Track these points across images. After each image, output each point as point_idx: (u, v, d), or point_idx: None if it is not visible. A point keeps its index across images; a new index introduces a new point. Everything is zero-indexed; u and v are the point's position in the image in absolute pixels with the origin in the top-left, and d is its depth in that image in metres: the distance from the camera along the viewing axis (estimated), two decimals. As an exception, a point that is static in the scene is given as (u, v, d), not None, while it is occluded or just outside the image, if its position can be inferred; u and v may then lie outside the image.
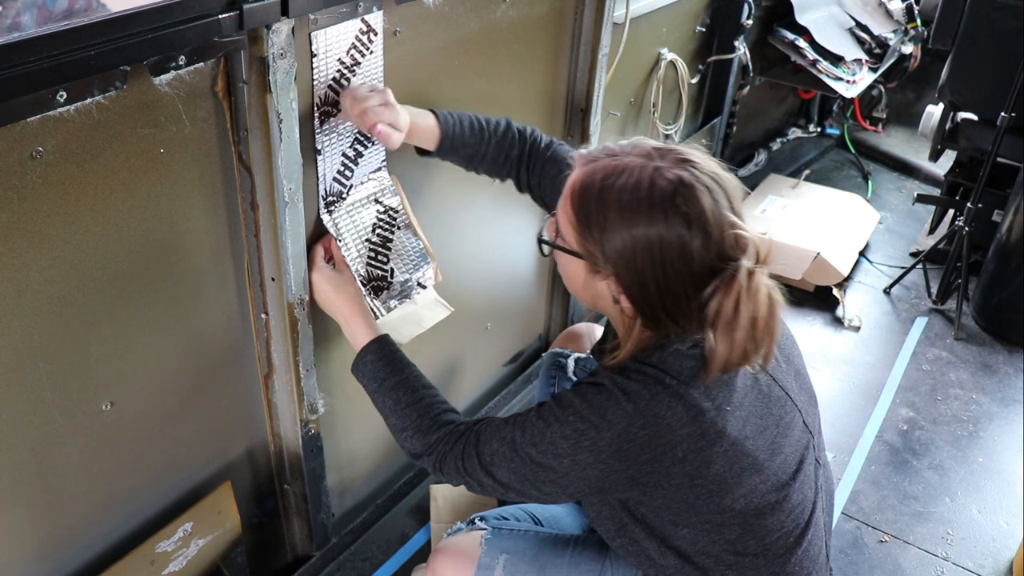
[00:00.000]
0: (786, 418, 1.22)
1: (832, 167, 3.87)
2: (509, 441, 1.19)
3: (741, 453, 1.15)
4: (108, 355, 1.23)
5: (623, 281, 1.15)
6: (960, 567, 2.01)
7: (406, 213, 1.59)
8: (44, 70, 0.95)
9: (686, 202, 1.09)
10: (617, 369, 1.17)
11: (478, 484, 1.23)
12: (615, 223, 1.12)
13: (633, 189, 1.11)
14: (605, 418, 1.12)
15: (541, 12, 1.82)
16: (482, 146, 1.52)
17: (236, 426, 1.53)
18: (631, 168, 1.13)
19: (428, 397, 1.32)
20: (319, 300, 1.46)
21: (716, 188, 1.12)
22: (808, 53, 3.01)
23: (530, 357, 2.41)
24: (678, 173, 1.11)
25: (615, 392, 1.13)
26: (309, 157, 1.39)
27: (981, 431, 2.42)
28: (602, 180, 1.13)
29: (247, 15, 1.14)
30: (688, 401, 1.12)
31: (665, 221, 1.09)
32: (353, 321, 1.41)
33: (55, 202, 1.07)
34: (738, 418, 1.15)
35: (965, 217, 2.79)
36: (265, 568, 1.75)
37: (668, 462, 1.13)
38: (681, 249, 1.09)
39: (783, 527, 1.22)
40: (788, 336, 1.32)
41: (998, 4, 2.72)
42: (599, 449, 1.13)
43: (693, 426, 1.12)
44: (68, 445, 1.22)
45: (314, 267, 1.45)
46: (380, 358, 1.36)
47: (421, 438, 1.28)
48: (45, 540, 1.26)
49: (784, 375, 1.25)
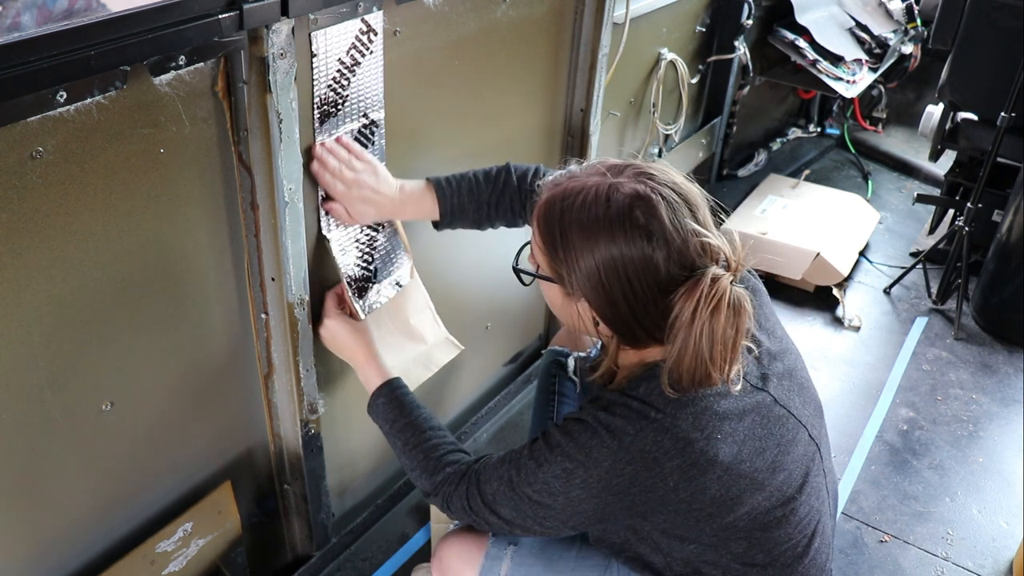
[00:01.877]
0: (788, 436, 1.21)
1: (832, 167, 3.87)
2: (507, 480, 1.20)
3: (737, 476, 1.14)
4: (108, 355, 1.23)
5: (593, 301, 1.16)
6: (960, 567, 2.01)
7: None
8: (44, 70, 0.95)
9: (644, 215, 1.10)
10: (602, 404, 1.17)
11: (485, 523, 1.26)
12: (578, 243, 1.13)
13: (591, 207, 1.12)
14: (591, 456, 1.13)
15: (541, 12, 1.82)
16: (483, 207, 1.53)
17: (236, 426, 1.53)
18: (588, 187, 1.14)
19: (435, 438, 1.35)
20: (335, 346, 1.51)
21: (675, 199, 1.12)
22: (808, 53, 3.02)
23: (530, 357, 2.41)
24: (634, 187, 1.12)
25: (599, 430, 1.14)
26: (309, 157, 1.39)
27: (981, 431, 2.42)
28: (561, 202, 1.15)
29: (247, 15, 1.14)
30: (675, 434, 1.11)
31: (625, 236, 1.10)
32: (367, 366, 1.46)
33: (55, 202, 1.07)
34: (732, 443, 1.14)
35: (965, 217, 2.79)
36: (265, 568, 1.75)
37: (661, 491, 1.13)
38: (645, 262, 1.10)
39: (791, 539, 1.22)
40: (792, 350, 1.31)
41: (998, 4, 2.71)
42: (589, 486, 1.14)
43: (681, 457, 1.11)
44: (68, 445, 1.22)
45: (329, 314, 1.50)
46: (390, 400, 1.41)
47: (428, 478, 1.31)
48: (45, 540, 1.26)
49: (786, 392, 1.23)
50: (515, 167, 1.54)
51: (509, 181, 1.53)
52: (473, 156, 1.81)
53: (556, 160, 2.13)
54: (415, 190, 1.50)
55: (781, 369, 1.24)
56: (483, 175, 1.53)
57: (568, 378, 1.73)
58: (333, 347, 1.51)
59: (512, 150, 1.95)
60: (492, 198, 1.53)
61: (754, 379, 1.20)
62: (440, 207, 1.50)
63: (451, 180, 1.52)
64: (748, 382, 1.18)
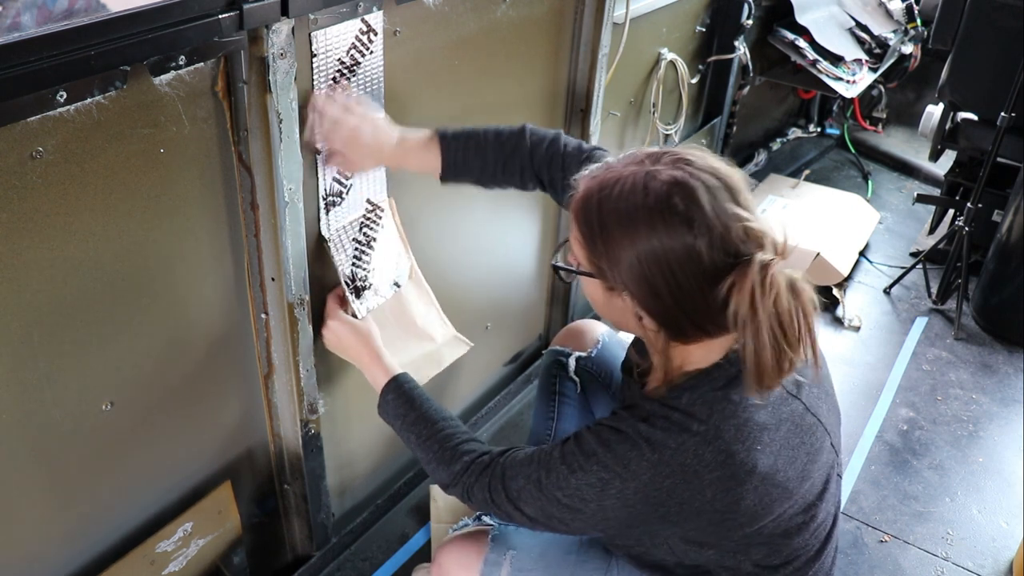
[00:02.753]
0: (816, 444, 1.20)
1: (832, 167, 3.87)
2: (535, 480, 1.19)
3: (772, 485, 1.13)
4: (108, 355, 1.23)
5: (636, 294, 1.11)
6: (960, 567, 2.01)
7: (392, 211, 1.59)
8: (44, 70, 0.95)
9: (684, 202, 1.06)
10: (641, 414, 1.14)
11: (506, 515, 1.24)
12: (617, 234, 1.09)
13: (628, 196, 1.09)
14: (629, 469, 1.11)
15: (541, 12, 1.82)
16: (489, 166, 1.47)
17: (236, 426, 1.53)
18: (625, 177, 1.10)
19: (447, 428, 1.33)
20: (339, 347, 1.50)
21: (715, 183, 1.08)
22: (808, 53, 3.01)
23: (530, 357, 2.41)
24: (672, 174, 1.08)
25: (639, 442, 1.11)
26: (309, 157, 1.39)
27: (981, 431, 2.42)
28: (599, 193, 1.12)
29: (247, 15, 1.14)
30: (717, 447, 1.09)
31: (665, 224, 1.06)
32: (373, 366, 1.45)
33: (55, 202, 1.07)
34: (769, 454, 1.13)
35: (965, 217, 2.79)
36: (265, 568, 1.75)
37: (698, 503, 1.12)
38: (687, 251, 1.06)
39: (807, 544, 1.23)
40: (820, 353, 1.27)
41: (998, 4, 2.71)
42: (625, 497, 1.13)
43: (722, 470, 1.10)
44: (68, 445, 1.22)
45: (332, 315, 1.49)
46: (398, 396, 1.39)
47: (445, 468, 1.30)
48: (45, 540, 1.26)
49: (816, 399, 1.22)
50: (532, 131, 1.48)
51: (521, 144, 1.47)
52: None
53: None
54: (418, 140, 1.44)
55: (812, 375, 1.22)
56: (494, 134, 1.47)
57: (569, 378, 1.73)
58: (337, 348, 1.51)
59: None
60: (500, 158, 1.46)
61: (790, 385, 1.18)
62: (443, 160, 1.45)
63: (459, 135, 1.45)
64: (785, 388, 1.16)
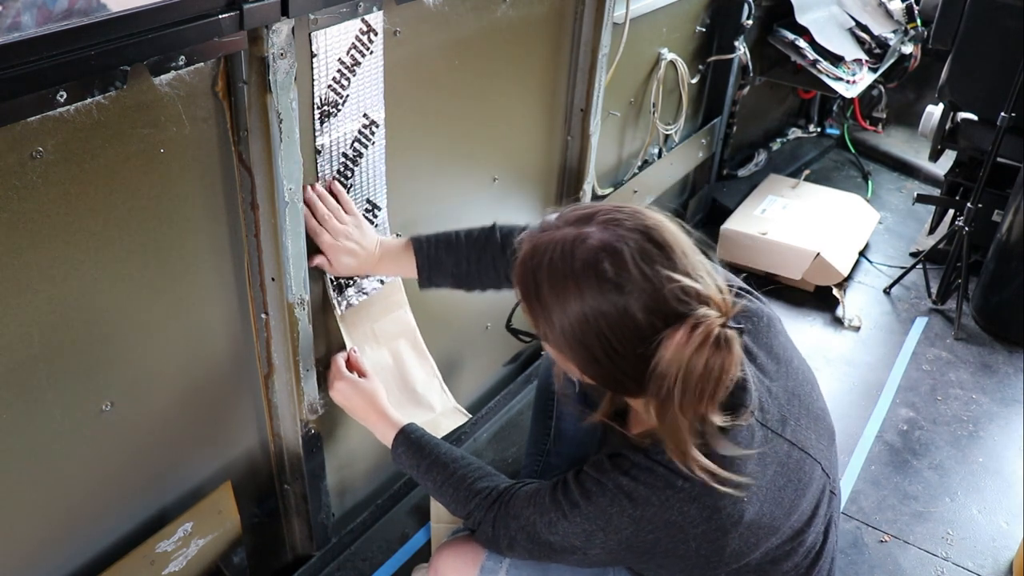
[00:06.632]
0: (805, 478, 1.20)
1: (832, 167, 3.87)
2: (530, 523, 1.21)
3: (757, 527, 1.14)
4: (108, 355, 1.23)
5: (573, 358, 1.11)
6: (960, 567, 2.01)
7: (384, 211, 1.60)
8: (44, 70, 0.95)
9: (612, 266, 1.03)
10: (623, 467, 1.13)
11: (505, 553, 1.29)
12: (550, 300, 1.07)
13: (559, 263, 1.06)
14: (611, 524, 1.12)
15: (541, 12, 1.82)
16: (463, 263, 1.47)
17: (236, 426, 1.53)
18: (556, 241, 1.08)
19: (460, 470, 1.36)
20: (347, 406, 1.52)
21: (646, 245, 1.05)
22: (808, 53, 3.01)
23: (530, 357, 2.41)
24: (601, 237, 1.05)
25: (619, 497, 1.11)
26: (309, 157, 1.39)
27: (981, 431, 2.42)
28: (531, 260, 1.10)
29: (247, 15, 1.14)
30: (703, 503, 1.09)
31: (593, 290, 1.04)
32: (379, 423, 1.48)
33: (55, 202, 1.07)
34: (756, 502, 1.12)
35: (965, 217, 2.79)
36: (265, 568, 1.75)
37: (682, 551, 1.13)
38: (619, 315, 1.03)
39: (797, 567, 1.23)
40: (809, 379, 1.28)
41: (998, 4, 2.71)
42: (609, 548, 1.15)
43: (708, 524, 1.10)
44: (68, 445, 1.22)
45: (339, 376, 1.50)
46: (409, 447, 1.42)
47: (462, 508, 1.34)
48: (45, 540, 1.26)
49: (803, 431, 1.21)
50: (501, 226, 1.48)
51: (491, 239, 1.46)
52: (473, 156, 1.81)
53: (555, 160, 2.13)
54: (394, 246, 1.50)
55: (798, 406, 1.22)
56: (466, 233, 1.48)
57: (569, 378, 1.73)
58: (346, 408, 1.53)
59: (512, 150, 1.95)
60: (472, 255, 1.47)
61: (774, 423, 1.17)
62: (418, 262, 1.48)
63: (431, 237, 1.49)
64: (769, 428, 1.16)
